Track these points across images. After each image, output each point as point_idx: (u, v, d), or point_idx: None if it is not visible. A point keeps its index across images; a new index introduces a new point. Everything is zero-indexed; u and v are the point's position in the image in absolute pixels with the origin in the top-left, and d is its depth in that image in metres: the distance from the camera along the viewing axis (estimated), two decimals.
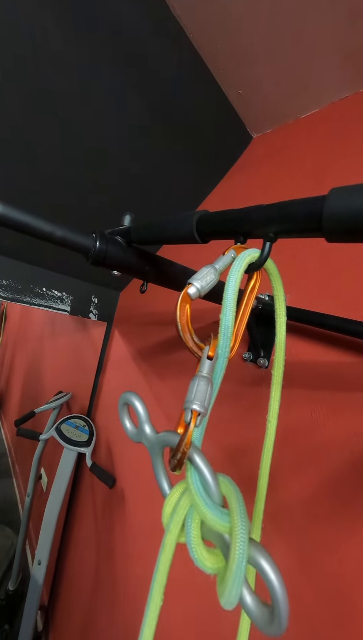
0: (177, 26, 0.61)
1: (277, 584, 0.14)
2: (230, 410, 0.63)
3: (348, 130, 0.61)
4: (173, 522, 0.17)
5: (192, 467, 0.18)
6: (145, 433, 0.22)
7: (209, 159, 0.84)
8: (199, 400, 0.19)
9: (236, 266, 0.22)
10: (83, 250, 0.36)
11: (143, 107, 0.68)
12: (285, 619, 0.14)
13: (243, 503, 0.16)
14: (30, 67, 0.57)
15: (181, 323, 0.21)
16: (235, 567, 0.14)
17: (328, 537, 0.44)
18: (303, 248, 0.60)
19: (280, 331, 0.27)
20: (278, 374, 0.27)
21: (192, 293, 0.22)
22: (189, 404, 0.19)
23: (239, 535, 0.15)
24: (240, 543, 0.15)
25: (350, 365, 0.48)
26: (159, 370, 0.86)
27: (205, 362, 0.21)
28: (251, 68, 0.66)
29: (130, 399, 0.23)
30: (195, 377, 0.20)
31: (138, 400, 0.23)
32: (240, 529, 0.15)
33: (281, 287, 0.26)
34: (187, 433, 0.18)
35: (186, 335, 0.21)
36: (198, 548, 0.17)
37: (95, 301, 1.07)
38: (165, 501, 0.19)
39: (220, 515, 0.16)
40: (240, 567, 0.14)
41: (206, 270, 0.23)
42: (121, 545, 0.83)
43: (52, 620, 1.09)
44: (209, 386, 0.20)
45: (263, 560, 0.14)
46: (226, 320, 0.21)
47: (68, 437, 0.95)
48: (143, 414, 0.22)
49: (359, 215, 0.17)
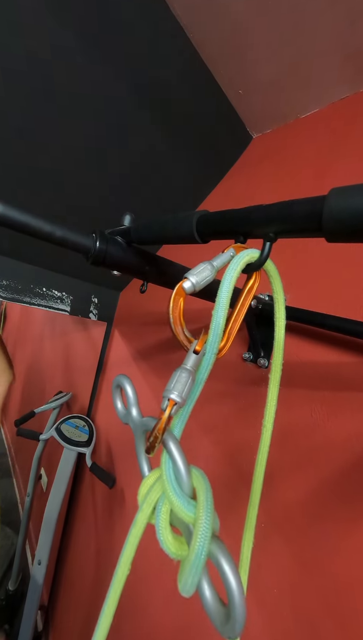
0: (177, 26, 0.61)
1: (234, 583, 0.14)
2: (229, 410, 0.63)
3: (348, 130, 0.61)
4: (145, 503, 0.19)
5: (166, 454, 0.19)
6: (132, 415, 0.24)
7: (209, 159, 0.84)
8: (178, 390, 0.19)
9: (233, 264, 0.22)
10: (83, 250, 0.36)
11: (142, 106, 0.68)
12: (240, 623, 0.14)
13: (211, 497, 0.17)
14: (29, 67, 0.57)
15: (173, 316, 0.21)
16: (194, 558, 0.15)
17: (328, 537, 0.44)
18: (303, 248, 0.60)
19: (279, 335, 0.27)
20: (275, 377, 0.27)
21: (187, 287, 0.22)
22: (168, 393, 0.19)
23: (201, 527, 0.15)
24: (201, 535, 0.15)
25: (350, 365, 0.48)
26: (159, 370, 0.86)
27: (191, 355, 0.21)
28: (251, 68, 0.66)
29: (122, 382, 0.24)
30: (178, 368, 0.20)
31: (129, 383, 0.24)
32: (204, 521, 0.15)
33: (281, 289, 0.26)
34: (162, 419, 0.19)
35: (177, 328, 0.22)
36: (164, 532, 0.17)
37: (95, 301, 1.07)
38: (142, 482, 0.20)
39: (187, 505, 0.17)
40: (198, 558, 0.15)
41: (202, 266, 0.23)
42: (121, 545, 0.83)
43: (52, 620, 1.09)
44: (191, 379, 0.20)
45: (222, 559, 0.15)
46: (217, 317, 0.21)
47: (68, 437, 0.95)
48: (131, 397, 0.24)
49: (359, 215, 0.17)
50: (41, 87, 0.59)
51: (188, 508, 0.17)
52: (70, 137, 0.67)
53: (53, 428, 0.98)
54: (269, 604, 0.48)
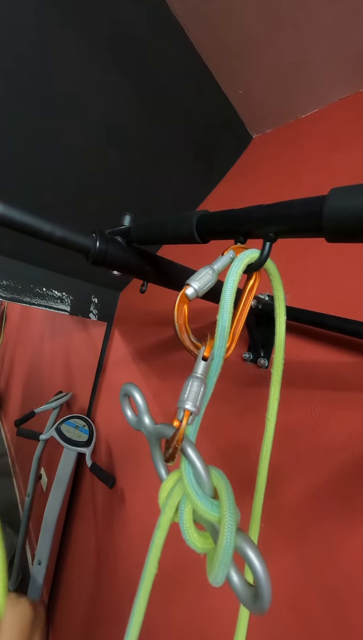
0: (177, 26, 0.61)
1: (260, 568, 0.16)
2: (229, 410, 0.63)
3: (348, 130, 0.61)
4: (167, 506, 0.19)
5: (186, 459, 0.19)
6: (144, 423, 0.24)
7: (209, 159, 0.84)
8: (192, 400, 0.20)
9: (234, 267, 0.23)
10: (83, 250, 0.36)
11: (142, 106, 0.68)
12: (268, 599, 0.16)
13: (232, 495, 0.18)
14: (29, 67, 0.57)
15: (178, 324, 0.22)
16: (222, 553, 0.16)
17: (328, 537, 0.44)
18: (303, 248, 0.60)
19: (280, 331, 0.27)
20: (277, 372, 0.27)
21: (189, 294, 0.22)
22: (183, 404, 0.20)
23: (227, 525, 0.17)
24: (228, 534, 0.16)
25: (350, 365, 0.48)
26: (159, 370, 0.86)
27: (200, 362, 0.21)
28: (251, 68, 0.66)
29: (130, 391, 0.24)
30: (190, 377, 0.21)
31: (138, 391, 0.24)
32: (229, 519, 0.17)
33: (281, 288, 0.27)
34: (179, 430, 0.19)
35: (183, 335, 0.22)
36: (189, 531, 0.18)
37: (95, 301, 1.07)
38: (161, 485, 0.21)
39: (210, 506, 0.18)
40: (226, 553, 0.16)
41: (204, 271, 0.23)
42: (121, 545, 0.83)
43: (52, 620, 1.09)
44: (203, 386, 0.20)
45: (248, 549, 0.16)
46: (223, 321, 0.21)
47: (68, 437, 0.95)
48: (142, 405, 0.24)
49: (359, 215, 0.17)
50: (41, 87, 0.59)
51: (211, 509, 0.18)
52: (70, 137, 0.67)
53: (53, 428, 0.98)
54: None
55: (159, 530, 0.19)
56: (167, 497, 0.20)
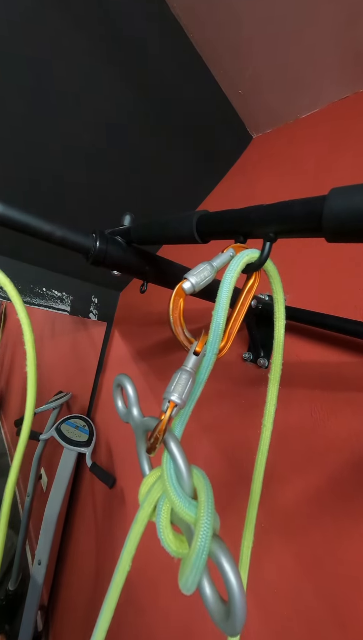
0: (177, 26, 0.61)
1: (234, 582, 0.14)
2: (229, 410, 0.63)
3: (348, 130, 0.61)
4: (146, 502, 0.19)
5: (167, 454, 0.19)
6: (132, 415, 0.24)
7: (209, 159, 0.84)
8: (178, 392, 0.19)
9: (233, 265, 0.22)
10: (83, 250, 0.36)
11: (142, 107, 0.68)
12: (241, 620, 0.14)
13: (211, 497, 0.17)
14: (30, 67, 0.57)
15: (173, 316, 0.22)
16: (194, 557, 0.15)
17: (328, 537, 0.44)
18: (303, 248, 0.60)
19: (279, 334, 0.27)
20: (275, 377, 0.27)
21: (186, 288, 0.22)
22: (168, 395, 0.19)
23: (202, 527, 0.15)
24: (203, 536, 0.15)
25: (350, 365, 0.48)
26: (159, 370, 0.86)
27: (191, 357, 0.21)
28: (251, 68, 0.66)
29: (122, 381, 0.24)
30: (178, 369, 0.20)
31: (130, 382, 0.24)
32: (205, 521, 0.15)
33: (281, 290, 0.26)
34: (162, 421, 0.19)
35: (177, 328, 0.22)
36: (165, 530, 0.18)
37: (95, 301, 1.07)
38: (142, 481, 0.20)
39: (188, 505, 0.17)
40: (199, 558, 0.15)
41: (202, 266, 0.23)
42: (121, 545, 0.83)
43: (52, 620, 1.09)
44: (191, 380, 0.20)
45: (223, 558, 0.15)
46: (217, 317, 0.21)
47: (68, 437, 0.95)
48: (132, 397, 0.24)
49: (359, 215, 0.17)
50: (41, 87, 0.59)
51: (188, 508, 0.17)
52: (70, 137, 0.67)
53: (53, 428, 0.98)
54: (268, 604, 0.48)
55: (136, 526, 0.19)
56: (147, 492, 0.19)
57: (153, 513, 0.19)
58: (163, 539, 0.18)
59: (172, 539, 0.18)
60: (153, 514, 0.19)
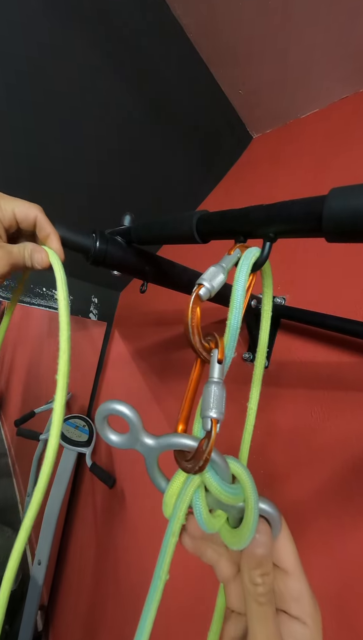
0: (177, 26, 0.61)
1: (275, 513, 0.19)
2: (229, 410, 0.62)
3: (348, 130, 0.61)
4: (180, 510, 0.19)
5: (211, 466, 0.19)
6: (142, 440, 0.20)
7: (209, 159, 0.84)
8: (217, 407, 0.19)
9: (243, 266, 0.22)
10: (83, 250, 0.36)
11: (143, 107, 0.68)
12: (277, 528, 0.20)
13: (251, 477, 0.20)
14: (30, 67, 0.57)
15: (191, 326, 0.20)
16: (252, 523, 0.18)
17: (328, 537, 0.44)
18: (303, 248, 0.60)
19: (265, 324, 0.29)
20: (260, 363, 0.30)
21: (203, 294, 0.21)
22: (208, 412, 0.19)
23: (253, 500, 0.19)
24: (254, 508, 0.19)
25: (350, 365, 0.48)
26: (159, 370, 0.86)
27: (216, 366, 0.20)
28: (251, 68, 0.66)
29: (115, 409, 0.20)
30: (208, 383, 0.20)
31: (126, 406, 0.20)
32: (253, 495, 0.19)
33: (271, 285, 0.28)
34: (210, 441, 0.18)
35: (194, 337, 0.21)
36: (205, 513, 0.19)
37: (95, 301, 1.07)
38: (166, 493, 0.20)
39: (232, 491, 0.19)
40: (255, 520, 0.18)
41: (214, 269, 0.22)
42: (121, 545, 0.83)
43: (52, 620, 1.09)
44: (224, 391, 0.20)
45: (268, 508, 0.19)
46: (234, 321, 0.21)
47: (68, 437, 0.95)
48: (136, 422, 0.20)
49: (359, 215, 0.17)
50: (41, 87, 0.59)
51: (234, 493, 0.19)
52: (70, 137, 0.67)
53: None
54: None
55: (172, 537, 0.19)
56: (177, 501, 0.19)
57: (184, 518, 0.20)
58: (206, 525, 0.19)
59: (211, 520, 0.19)
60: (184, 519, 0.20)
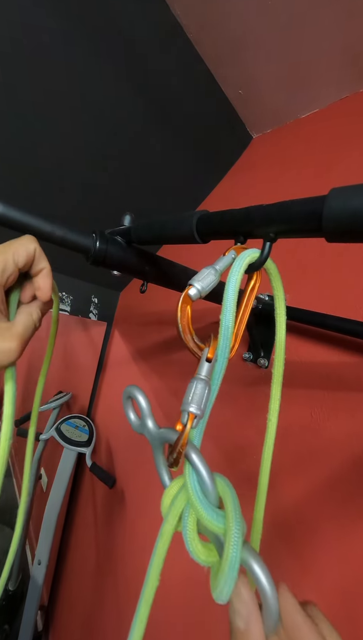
0: (177, 26, 0.61)
1: (268, 587, 0.15)
2: (229, 410, 0.63)
3: (348, 130, 0.61)
4: (170, 514, 0.18)
5: (190, 465, 0.18)
6: (147, 427, 0.23)
7: (209, 159, 0.84)
8: (196, 403, 0.19)
9: (236, 267, 0.22)
10: (83, 250, 0.36)
11: (142, 107, 0.68)
12: (275, 620, 0.15)
13: (238, 505, 0.17)
14: (30, 67, 0.57)
15: (181, 324, 0.21)
16: (228, 568, 0.15)
17: (329, 537, 0.44)
18: (303, 248, 0.60)
19: (280, 330, 0.27)
20: (278, 372, 0.27)
21: (193, 294, 0.22)
22: (187, 406, 0.19)
23: (233, 538, 0.15)
24: (234, 546, 0.15)
25: (350, 365, 0.48)
26: (159, 370, 0.86)
27: (204, 364, 0.21)
28: (251, 68, 0.66)
29: (133, 393, 0.23)
30: (193, 379, 0.20)
31: (141, 394, 0.23)
32: (235, 532, 0.16)
33: (281, 287, 0.26)
34: (183, 434, 0.18)
35: (186, 336, 0.21)
36: (193, 542, 0.17)
37: (95, 301, 1.07)
38: (164, 492, 0.20)
39: (215, 516, 0.17)
40: (232, 568, 0.15)
41: (206, 271, 0.22)
42: (121, 545, 0.83)
43: (52, 620, 1.09)
44: (207, 389, 0.20)
45: (256, 565, 0.15)
46: (226, 321, 0.21)
47: (68, 437, 0.95)
48: (145, 408, 0.23)
49: (359, 215, 0.17)
50: (41, 87, 0.59)
51: (216, 519, 0.17)
52: (70, 137, 0.67)
53: (53, 428, 0.98)
54: None
55: (162, 540, 0.18)
56: (170, 504, 0.19)
57: (178, 524, 0.18)
58: (191, 550, 0.17)
59: (201, 550, 0.17)
60: (178, 525, 0.18)
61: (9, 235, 0.29)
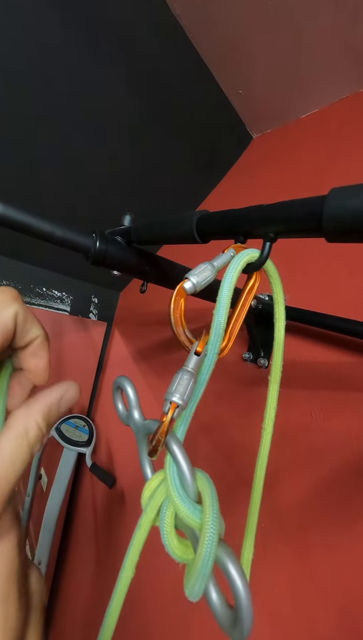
0: (177, 26, 0.61)
1: (241, 589, 0.14)
2: (229, 411, 0.63)
3: (349, 130, 0.61)
4: (149, 507, 0.18)
5: (170, 456, 0.18)
6: (133, 417, 0.23)
7: (209, 159, 0.84)
8: (179, 393, 0.19)
9: (233, 264, 0.22)
10: (83, 250, 0.36)
11: (142, 107, 0.68)
12: (248, 626, 0.14)
13: (216, 501, 0.16)
14: (30, 67, 0.57)
15: (174, 316, 0.21)
16: (201, 565, 0.15)
17: (329, 537, 0.44)
18: (303, 248, 0.60)
19: (279, 335, 0.26)
20: (275, 379, 0.27)
21: (187, 288, 0.22)
22: (169, 396, 0.19)
23: (208, 534, 0.15)
24: (208, 542, 0.15)
25: (350, 365, 0.48)
26: (159, 370, 0.86)
27: (192, 357, 0.21)
28: (252, 68, 0.66)
29: (122, 383, 0.24)
30: (180, 370, 0.20)
31: (130, 384, 0.23)
32: (210, 527, 0.15)
33: (281, 291, 0.26)
34: (164, 422, 0.18)
35: (178, 328, 0.21)
36: (169, 536, 0.17)
37: (95, 301, 1.07)
38: (145, 485, 0.20)
39: (192, 510, 0.17)
40: (205, 564, 0.15)
41: (203, 266, 0.23)
42: (121, 545, 0.83)
43: (52, 620, 1.09)
44: (192, 381, 0.20)
45: (230, 563, 0.14)
46: (218, 316, 0.21)
47: (68, 437, 0.95)
48: (133, 399, 0.23)
49: (359, 215, 0.17)
50: (41, 87, 0.59)
51: (193, 513, 0.16)
52: (70, 138, 0.67)
53: (53, 428, 0.98)
54: (270, 605, 0.48)
55: (139, 532, 0.18)
56: (150, 497, 0.19)
57: (157, 518, 0.18)
58: (167, 544, 0.17)
59: (177, 545, 0.17)
60: (156, 519, 0.18)
61: (9, 235, 0.29)
